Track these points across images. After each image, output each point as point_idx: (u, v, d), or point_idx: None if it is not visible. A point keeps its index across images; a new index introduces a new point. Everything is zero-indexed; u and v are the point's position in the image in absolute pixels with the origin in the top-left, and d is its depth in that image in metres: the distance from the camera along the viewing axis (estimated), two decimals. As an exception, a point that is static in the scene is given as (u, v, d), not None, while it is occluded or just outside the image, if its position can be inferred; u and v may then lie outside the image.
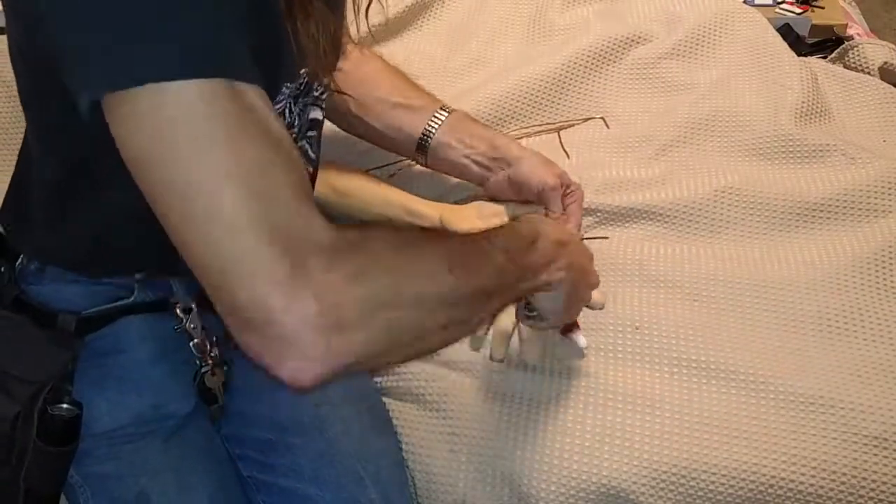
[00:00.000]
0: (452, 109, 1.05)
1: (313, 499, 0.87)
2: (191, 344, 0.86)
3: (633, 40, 1.34)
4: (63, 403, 0.78)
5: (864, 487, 0.88)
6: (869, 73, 1.39)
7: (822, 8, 1.55)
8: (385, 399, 0.97)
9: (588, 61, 1.30)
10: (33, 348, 0.81)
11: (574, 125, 1.24)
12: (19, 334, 0.81)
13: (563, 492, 0.87)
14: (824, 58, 1.45)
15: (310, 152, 0.88)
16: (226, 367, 0.89)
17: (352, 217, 1.09)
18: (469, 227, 1.01)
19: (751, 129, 1.20)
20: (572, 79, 1.28)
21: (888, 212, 1.10)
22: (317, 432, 0.89)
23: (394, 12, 1.39)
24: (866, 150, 1.18)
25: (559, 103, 1.26)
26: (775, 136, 1.19)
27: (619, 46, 1.33)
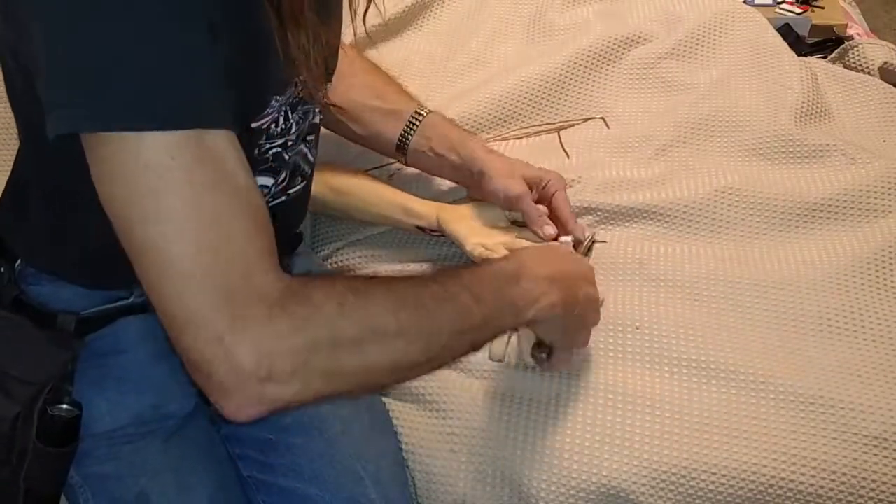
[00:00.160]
0: (428, 111, 1.04)
1: (313, 499, 0.87)
2: None
3: (633, 40, 1.34)
4: (63, 404, 0.79)
5: (864, 487, 0.88)
6: (869, 73, 1.39)
7: (822, 8, 1.55)
8: (385, 399, 0.97)
9: (588, 61, 1.30)
10: (33, 349, 0.81)
11: (574, 125, 1.24)
12: (19, 335, 0.81)
13: (563, 492, 0.87)
14: (824, 58, 1.45)
15: (309, 155, 0.88)
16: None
17: (350, 216, 1.09)
18: (466, 226, 1.01)
19: (751, 129, 1.20)
20: (572, 79, 1.28)
21: (888, 212, 1.10)
22: (317, 432, 0.89)
23: (393, 12, 1.39)
24: (866, 150, 1.18)
25: (559, 103, 1.26)
26: (775, 136, 1.19)
27: (619, 46, 1.33)
